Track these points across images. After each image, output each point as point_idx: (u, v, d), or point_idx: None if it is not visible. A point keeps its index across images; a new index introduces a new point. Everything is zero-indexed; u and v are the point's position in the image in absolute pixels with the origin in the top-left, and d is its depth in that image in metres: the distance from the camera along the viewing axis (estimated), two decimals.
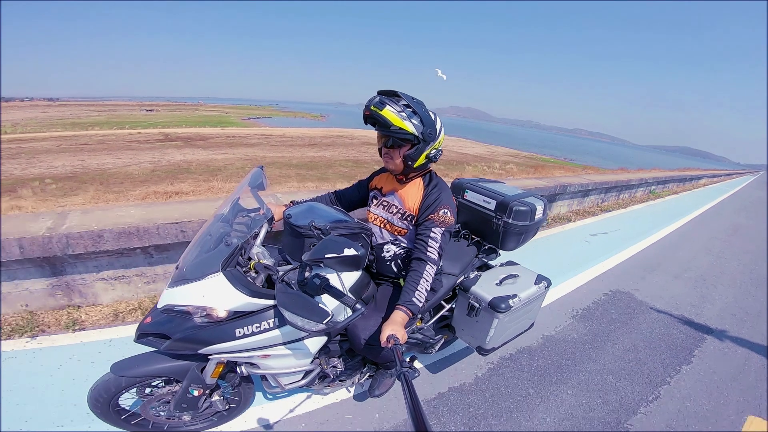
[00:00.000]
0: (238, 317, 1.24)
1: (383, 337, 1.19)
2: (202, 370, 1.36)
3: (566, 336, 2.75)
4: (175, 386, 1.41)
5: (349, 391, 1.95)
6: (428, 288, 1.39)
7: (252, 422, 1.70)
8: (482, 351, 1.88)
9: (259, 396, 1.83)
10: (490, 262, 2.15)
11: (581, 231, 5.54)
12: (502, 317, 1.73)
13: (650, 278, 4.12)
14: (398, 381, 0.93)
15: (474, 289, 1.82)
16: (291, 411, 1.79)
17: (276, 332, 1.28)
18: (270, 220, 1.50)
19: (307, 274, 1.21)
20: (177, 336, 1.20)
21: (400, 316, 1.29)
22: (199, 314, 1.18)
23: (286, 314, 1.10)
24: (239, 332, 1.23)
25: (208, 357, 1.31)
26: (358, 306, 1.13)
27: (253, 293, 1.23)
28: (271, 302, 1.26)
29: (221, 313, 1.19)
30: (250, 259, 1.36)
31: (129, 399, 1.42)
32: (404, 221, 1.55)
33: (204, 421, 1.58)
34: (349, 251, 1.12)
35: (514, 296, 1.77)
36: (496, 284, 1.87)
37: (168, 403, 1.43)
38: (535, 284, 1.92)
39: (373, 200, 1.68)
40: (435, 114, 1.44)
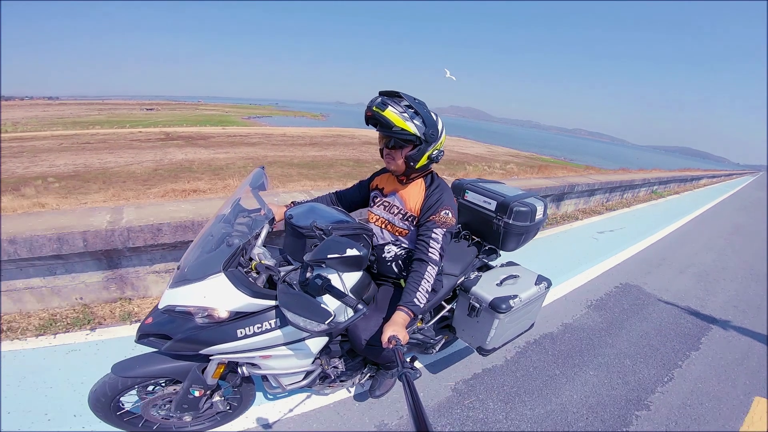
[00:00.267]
0: (240, 318, 1.24)
1: (384, 338, 1.19)
2: (203, 371, 1.36)
3: (584, 324, 2.94)
4: (176, 387, 1.41)
5: (350, 392, 1.95)
6: (429, 289, 1.38)
7: (252, 422, 1.70)
8: (483, 351, 1.88)
9: (260, 396, 1.83)
10: (491, 263, 2.15)
11: (589, 228, 5.72)
12: (503, 318, 1.73)
13: (657, 273, 4.29)
14: (399, 381, 0.93)
15: (475, 290, 1.82)
16: (291, 411, 1.79)
17: (277, 333, 1.28)
18: (271, 221, 1.50)
19: (309, 275, 1.21)
20: (178, 336, 1.20)
21: (402, 317, 1.29)
22: (201, 315, 1.18)
23: (288, 315, 1.10)
24: (241, 333, 1.23)
25: (209, 357, 1.31)
26: (360, 306, 1.12)
27: (255, 294, 1.23)
28: (273, 303, 1.26)
29: (223, 314, 1.19)
30: (252, 260, 1.36)
31: (130, 400, 1.42)
32: (405, 222, 1.54)
33: (205, 422, 1.58)
34: (352, 252, 1.12)
35: (515, 297, 1.77)
36: (497, 285, 1.87)
37: (169, 404, 1.43)
38: (536, 285, 1.91)
39: (374, 201, 1.67)
40: (436, 114, 1.44)
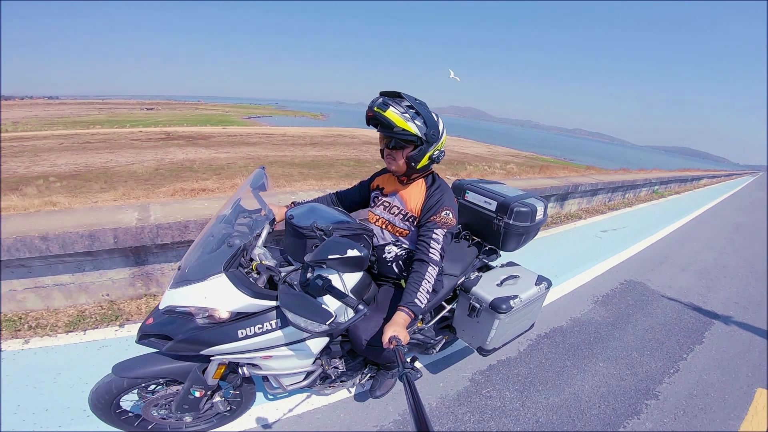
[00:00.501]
0: (241, 318, 1.24)
1: (385, 338, 1.18)
2: (204, 371, 1.36)
3: (591, 318, 3.03)
4: (177, 387, 1.41)
5: (350, 392, 1.95)
6: (430, 289, 1.38)
7: (253, 422, 1.70)
8: (483, 351, 1.88)
9: (260, 396, 1.83)
10: (491, 263, 2.15)
11: (592, 227, 5.83)
12: (503, 318, 1.73)
13: (659, 270, 4.40)
14: (399, 381, 0.92)
15: (475, 290, 1.82)
16: (291, 411, 1.79)
17: (278, 333, 1.28)
18: (272, 221, 1.50)
19: (310, 275, 1.20)
20: (179, 337, 1.20)
21: (402, 318, 1.28)
22: (202, 315, 1.18)
23: (289, 315, 1.09)
24: (241, 333, 1.23)
25: (210, 358, 1.31)
26: (361, 307, 1.12)
27: (256, 294, 1.23)
28: (273, 303, 1.26)
29: (223, 314, 1.19)
30: (252, 260, 1.36)
31: (130, 400, 1.42)
32: (406, 222, 1.54)
33: (205, 422, 1.58)
34: (352, 252, 1.11)
35: (515, 297, 1.77)
36: (497, 285, 1.87)
37: (169, 405, 1.43)
38: (536, 285, 1.91)
39: (375, 201, 1.67)
40: (437, 115, 1.44)
